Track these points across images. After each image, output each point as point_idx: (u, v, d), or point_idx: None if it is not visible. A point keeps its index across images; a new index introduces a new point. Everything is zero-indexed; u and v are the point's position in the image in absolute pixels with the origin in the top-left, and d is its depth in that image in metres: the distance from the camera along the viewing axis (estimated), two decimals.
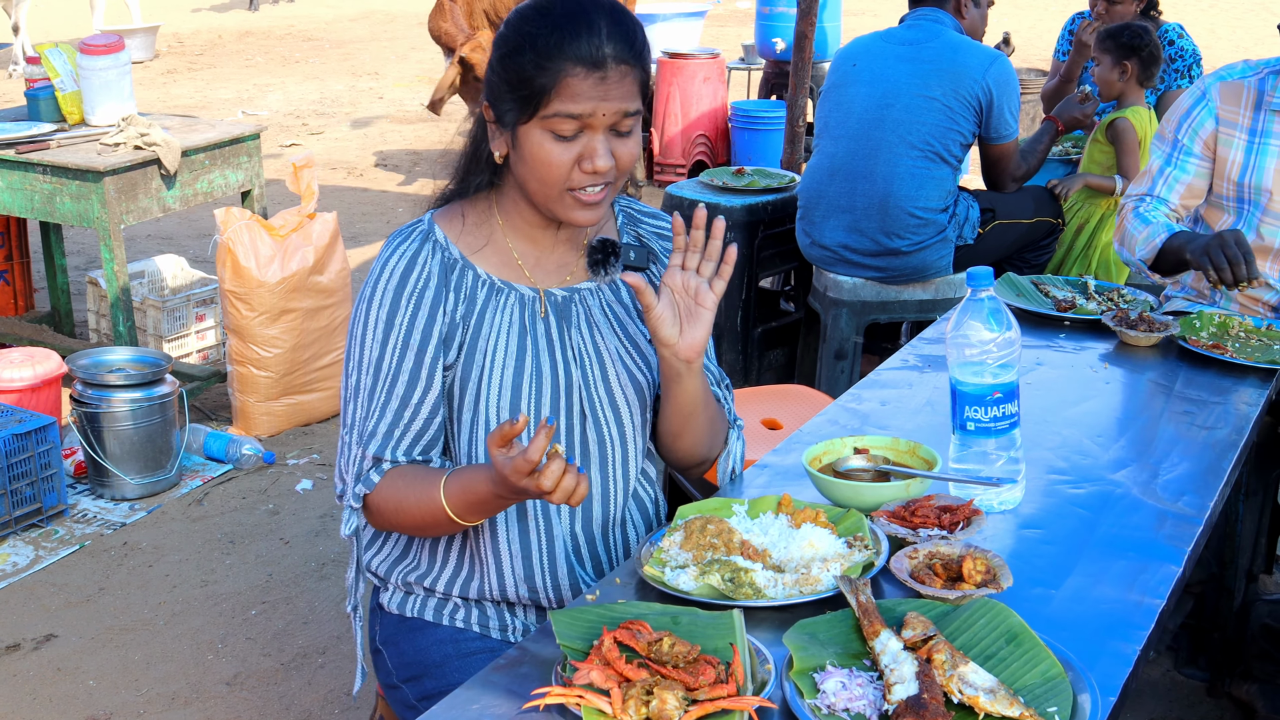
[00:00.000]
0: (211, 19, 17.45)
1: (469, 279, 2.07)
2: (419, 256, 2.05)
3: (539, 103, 1.92)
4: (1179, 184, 3.29)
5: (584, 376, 2.11)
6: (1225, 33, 15.09)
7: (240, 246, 4.71)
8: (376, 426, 2.03)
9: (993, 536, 2.08)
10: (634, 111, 1.97)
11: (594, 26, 1.92)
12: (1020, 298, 3.11)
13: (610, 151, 1.96)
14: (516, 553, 2.09)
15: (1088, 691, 1.60)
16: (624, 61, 1.94)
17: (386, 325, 2.03)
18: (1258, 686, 3.25)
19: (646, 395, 2.17)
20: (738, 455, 2.27)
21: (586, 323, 2.13)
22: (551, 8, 1.94)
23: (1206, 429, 2.50)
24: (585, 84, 1.91)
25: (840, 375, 4.63)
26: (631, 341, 2.17)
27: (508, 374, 2.06)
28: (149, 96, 11.61)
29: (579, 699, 1.58)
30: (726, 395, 2.28)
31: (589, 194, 1.99)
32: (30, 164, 4.80)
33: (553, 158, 1.95)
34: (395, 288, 2.03)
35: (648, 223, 2.24)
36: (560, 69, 1.91)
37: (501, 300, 2.08)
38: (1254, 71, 3.24)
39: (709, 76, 8.61)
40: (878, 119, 4.40)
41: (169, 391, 4.49)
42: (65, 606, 3.85)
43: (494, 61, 1.99)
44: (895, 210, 4.38)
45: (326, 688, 3.46)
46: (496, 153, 2.03)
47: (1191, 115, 3.27)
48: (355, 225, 7.88)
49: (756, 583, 1.87)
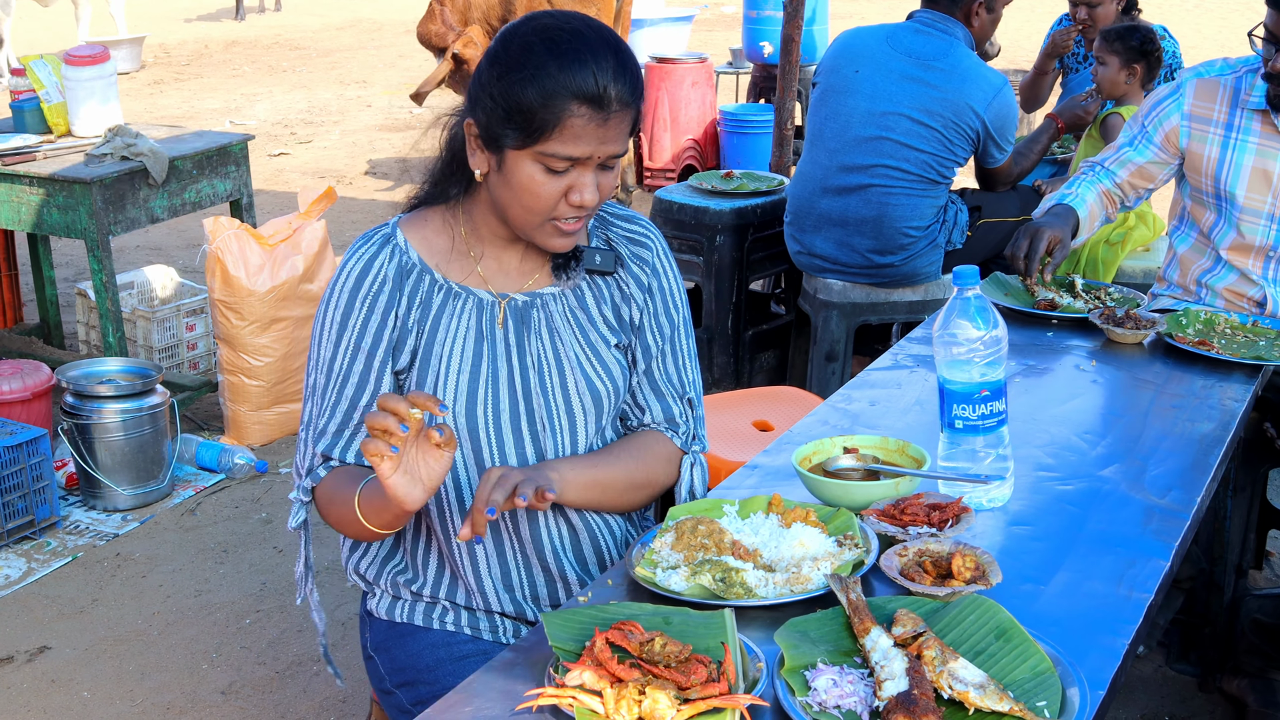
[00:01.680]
0: (198, 29, 17.44)
1: (425, 283, 2.07)
2: (376, 260, 2.06)
3: (537, 137, 1.90)
4: (1130, 164, 3.39)
5: (541, 384, 2.09)
6: (1211, 32, 15.14)
7: (229, 256, 4.72)
8: (327, 425, 2.05)
9: (982, 533, 2.09)
10: (624, 152, 1.98)
11: (601, 64, 1.89)
12: (1008, 297, 3.12)
13: (596, 185, 1.97)
14: (491, 550, 2.11)
15: (1076, 686, 1.61)
16: (626, 105, 1.92)
17: (340, 326, 2.05)
18: (1248, 681, 3.26)
19: (606, 404, 2.14)
20: (695, 483, 2.24)
21: (547, 328, 2.11)
22: (558, 40, 1.90)
23: (1193, 425, 2.51)
24: (587, 127, 1.90)
25: (831, 377, 4.64)
26: (593, 349, 2.14)
27: (463, 380, 2.05)
28: (135, 107, 11.60)
29: (572, 699, 1.59)
30: (685, 412, 2.24)
31: (570, 224, 1.99)
32: (17, 176, 4.80)
33: (541, 190, 1.94)
34: (350, 290, 2.05)
35: (620, 225, 2.21)
36: (564, 108, 1.88)
37: (459, 305, 2.07)
38: (1232, 70, 3.27)
39: (697, 81, 8.63)
40: (875, 140, 4.34)
41: (160, 402, 4.49)
42: (59, 618, 3.85)
43: (489, 81, 1.93)
44: (889, 230, 4.37)
45: (321, 695, 3.46)
46: (477, 171, 2.01)
47: (1160, 106, 3.34)
48: (345, 234, 7.87)
49: (747, 582, 1.88)
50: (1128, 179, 3.39)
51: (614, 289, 2.17)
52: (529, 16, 1.97)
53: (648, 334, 2.19)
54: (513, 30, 1.96)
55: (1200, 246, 3.37)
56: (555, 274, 2.13)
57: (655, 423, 2.22)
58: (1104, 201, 3.38)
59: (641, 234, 2.21)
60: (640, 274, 2.19)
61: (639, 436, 2.21)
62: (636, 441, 2.19)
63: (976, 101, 4.28)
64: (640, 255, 2.20)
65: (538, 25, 1.93)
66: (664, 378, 2.22)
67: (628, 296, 2.17)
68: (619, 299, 2.17)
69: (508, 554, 2.11)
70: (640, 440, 2.20)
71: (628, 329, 2.18)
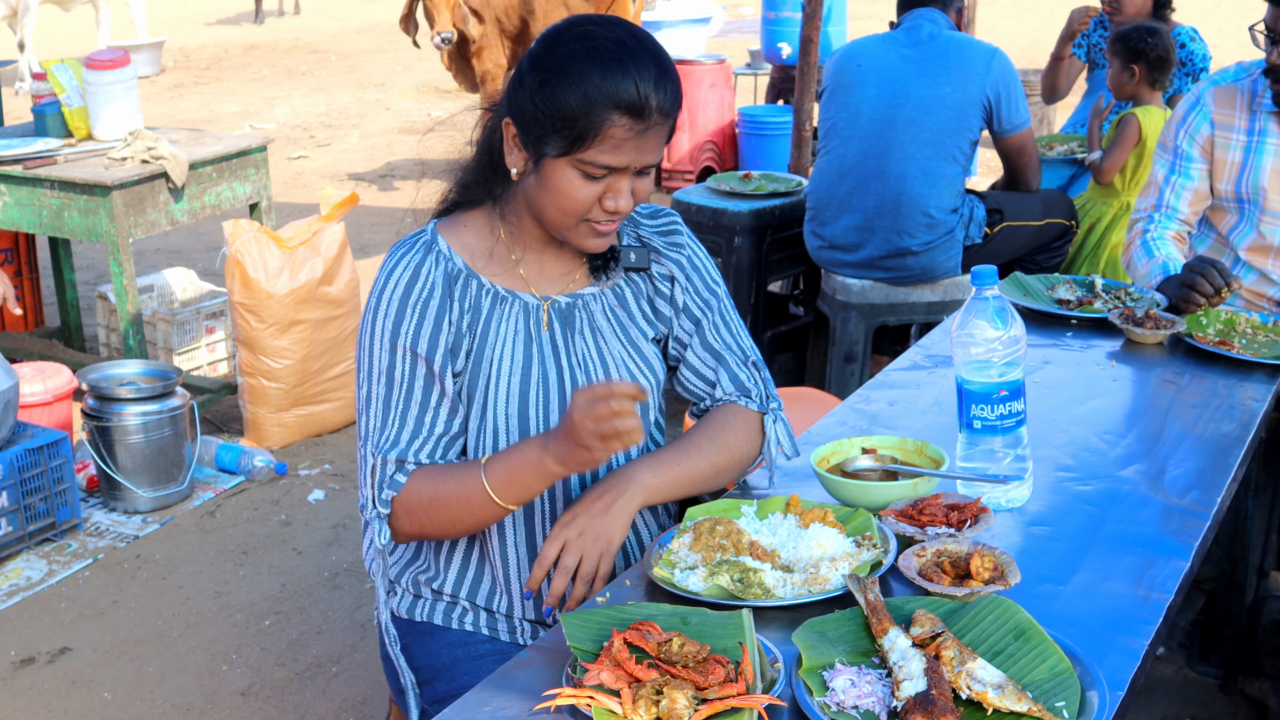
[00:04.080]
0: (217, 33, 17.52)
1: (473, 288, 2.07)
2: (423, 267, 2.05)
3: (578, 145, 1.92)
4: (1186, 191, 3.32)
5: (588, 383, 2.11)
6: (1233, 31, 15.06)
7: (249, 259, 4.73)
8: (399, 434, 2.02)
9: (1000, 534, 2.08)
10: (659, 160, 1.99)
11: (643, 74, 1.90)
12: (1027, 297, 3.11)
13: (630, 191, 1.98)
14: (524, 558, 2.11)
15: (1096, 687, 1.60)
16: (665, 115, 1.94)
17: (392, 334, 2.02)
18: (1270, 683, 3.24)
19: (649, 398, 2.16)
20: (780, 436, 2.23)
21: (590, 328, 2.13)
22: (602, 48, 1.91)
23: (1213, 425, 2.50)
24: (627, 136, 1.91)
25: (850, 378, 4.64)
26: (634, 345, 2.17)
27: (515, 383, 2.07)
28: (155, 111, 11.65)
29: (590, 699, 1.59)
30: (753, 375, 2.23)
31: (605, 225, 2.01)
32: (38, 179, 4.82)
33: (578, 194, 1.96)
34: (400, 297, 2.03)
35: (647, 223, 2.23)
36: (605, 117, 1.89)
37: (506, 309, 2.08)
38: (1246, 74, 3.26)
39: (715, 83, 8.63)
40: (889, 119, 4.42)
41: (180, 404, 4.50)
42: (79, 620, 3.87)
43: (531, 86, 1.94)
44: (909, 209, 4.39)
45: (340, 697, 3.47)
46: (514, 169, 2.02)
47: (1188, 121, 3.30)
48: (364, 236, 7.90)
49: (765, 583, 1.88)
50: (1190, 209, 3.33)
51: (648, 283, 2.20)
52: (572, 21, 1.98)
53: (694, 307, 2.21)
54: (556, 35, 1.96)
55: (1219, 248, 3.36)
56: (593, 274, 2.15)
57: (728, 394, 2.21)
58: (1180, 247, 3.32)
59: (669, 224, 2.23)
60: (678, 258, 2.21)
61: (715, 416, 2.19)
62: (713, 424, 2.17)
63: (978, 65, 4.39)
64: (674, 243, 2.22)
65: (582, 32, 1.94)
66: (723, 345, 2.22)
67: (664, 285, 2.20)
68: (653, 292, 2.20)
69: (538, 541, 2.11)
70: (717, 420, 2.18)
71: (665, 319, 2.21)
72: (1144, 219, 3.36)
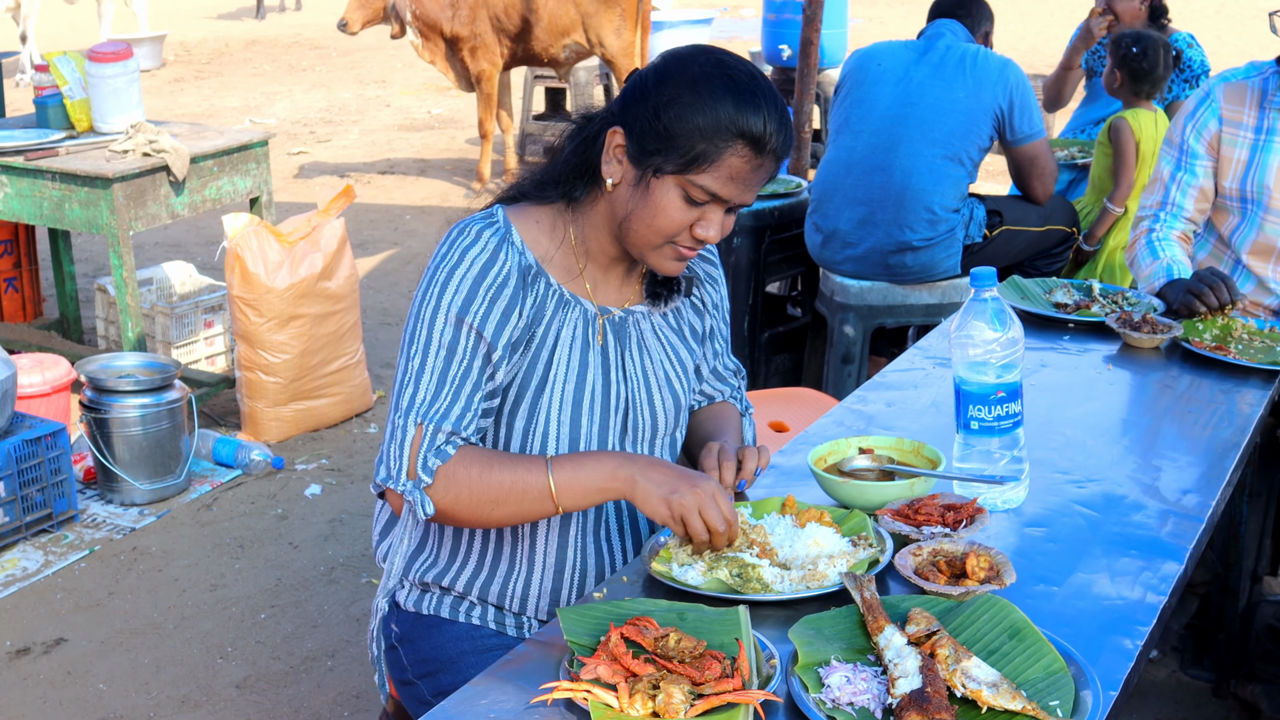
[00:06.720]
0: (219, 27, 17.51)
1: (542, 286, 2.05)
2: (499, 253, 2.02)
3: (693, 167, 1.92)
4: (1192, 189, 3.32)
5: (632, 398, 2.13)
6: (1232, 39, 15.09)
7: (249, 253, 4.74)
8: (450, 408, 1.98)
9: (996, 534, 2.09)
10: (753, 203, 2.05)
11: (771, 111, 1.92)
12: (1025, 300, 3.12)
13: (721, 224, 1.99)
14: (550, 566, 2.12)
15: (1090, 686, 1.62)
16: (777, 158, 1.96)
17: (461, 311, 1.99)
18: (1262, 687, 3.25)
19: (681, 417, 2.23)
20: (748, 439, 2.36)
21: (638, 345, 2.15)
22: (737, 78, 1.92)
23: (1209, 430, 2.51)
24: (744, 168, 1.93)
25: (847, 379, 4.65)
26: (678, 365, 2.20)
27: (569, 389, 2.06)
28: (156, 105, 11.64)
29: (586, 693, 1.60)
30: (740, 385, 2.38)
31: (688, 251, 2.02)
32: (39, 171, 4.83)
33: (675, 215, 1.96)
34: (476, 278, 2.00)
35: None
36: (729, 144, 1.91)
37: (568, 314, 2.08)
38: (1258, 72, 3.27)
39: None
40: (901, 116, 4.47)
41: (178, 397, 4.51)
42: (75, 611, 3.87)
43: (658, 102, 1.93)
44: (912, 203, 4.41)
45: (336, 690, 3.48)
46: (609, 179, 2.00)
47: (1196, 116, 3.30)
48: (363, 232, 7.91)
49: (764, 578, 1.89)
50: (1195, 206, 3.33)
51: (689, 306, 2.24)
52: (702, 49, 1.99)
53: (718, 338, 2.33)
54: (689, 57, 1.97)
55: (1218, 252, 3.37)
56: (648, 295, 2.17)
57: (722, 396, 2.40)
58: (1185, 247, 3.32)
59: (709, 253, 2.29)
60: (712, 291, 2.29)
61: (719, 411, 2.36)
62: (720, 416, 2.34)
63: (991, 74, 4.43)
64: (710, 273, 2.29)
65: (716, 59, 1.95)
66: (724, 366, 2.37)
67: (701, 311, 2.27)
68: (692, 314, 2.25)
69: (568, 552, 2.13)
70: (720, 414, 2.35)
71: (700, 340, 2.28)
72: (1149, 217, 3.36)
